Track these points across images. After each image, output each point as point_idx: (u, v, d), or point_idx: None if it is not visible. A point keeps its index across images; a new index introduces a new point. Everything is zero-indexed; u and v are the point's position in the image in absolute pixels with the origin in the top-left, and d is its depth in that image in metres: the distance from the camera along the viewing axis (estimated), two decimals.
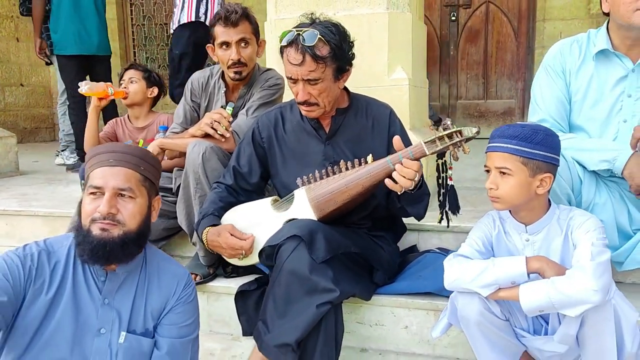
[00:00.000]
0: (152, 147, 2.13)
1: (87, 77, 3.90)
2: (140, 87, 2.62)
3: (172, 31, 3.49)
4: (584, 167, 1.74)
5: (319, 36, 1.65)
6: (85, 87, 2.51)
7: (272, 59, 2.52)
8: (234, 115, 2.21)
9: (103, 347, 1.31)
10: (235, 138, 2.08)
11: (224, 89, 2.25)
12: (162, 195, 2.20)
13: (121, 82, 2.65)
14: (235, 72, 2.16)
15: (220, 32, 2.12)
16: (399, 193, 1.61)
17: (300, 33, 1.66)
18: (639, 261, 1.73)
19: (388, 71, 2.38)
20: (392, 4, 2.36)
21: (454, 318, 1.53)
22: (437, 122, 4.37)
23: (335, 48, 1.67)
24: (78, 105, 3.77)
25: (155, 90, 2.68)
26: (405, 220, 2.02)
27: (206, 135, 2.07)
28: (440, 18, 5.70)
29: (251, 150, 1.90)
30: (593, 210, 1.74)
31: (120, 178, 1.29)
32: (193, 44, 3.37)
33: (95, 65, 3.94)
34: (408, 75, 2.38)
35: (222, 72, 2.26)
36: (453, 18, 5.63)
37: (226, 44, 2.13)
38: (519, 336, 1.51)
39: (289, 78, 1.72)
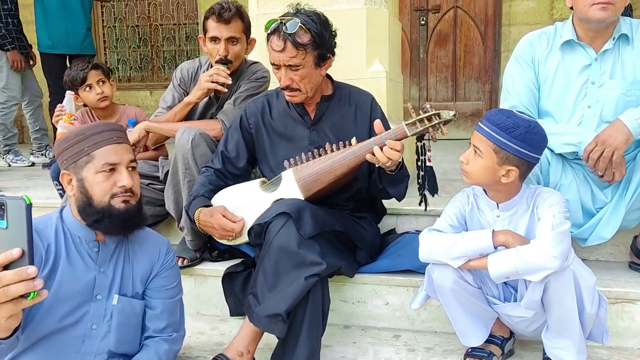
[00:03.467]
0: (138, 130, 2.17)
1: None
2: (109, 86, 2.54)
3: None
4: (552, 150, 1.87)
5: (299, 24, 1.74)
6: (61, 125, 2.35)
7: (254, 52, 2.59)
8: (220, 105, 2.28)
9: (100, 311, 1.40)
10: (222, 126, 2.15)
11: None
12: (149, 183, 2.27)
13: (86, 85, 2.47)
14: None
15: (212, 27, 2.18)
16: (376, 165, 1.70)
17: (283, 21, 1.76)
18: (601, 237, 1.87)
19: (366, 64, 2.49)
20: (369, 0, 2.47)
21: (430, 289, 1.64)
22: None
23: (316, 36, 1.77)
24: (60, 102, 3.77)
25: (114, 83, 2.61)
26: (385, 203, 2.12)
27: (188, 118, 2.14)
28: (410, 22, 5.84)
29: (239, 135, 1.98)
30: (559, 190, 1.86)
31: (130, 152, 1.42)
32: None
33: None
34: (385, 68, 2.50)
35: (210, 63, 2.32)
36: (422, 22, 5.78)
37: (216, 39, 2.19)
38: (490, 303, 1.63)
39: (273, 64, 1.82)
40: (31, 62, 4.28)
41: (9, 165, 4.23)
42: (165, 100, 2.37)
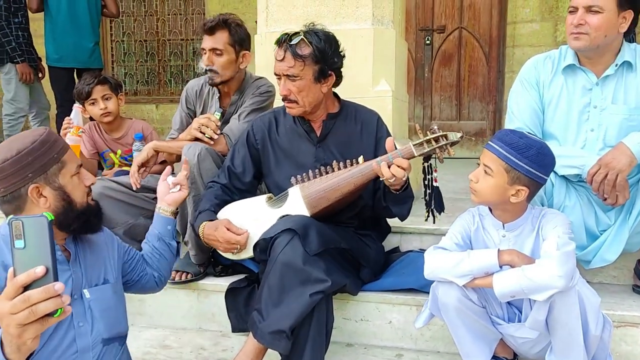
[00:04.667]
0: (147, 149, 2.19)
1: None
2: (114, 102, 2.58)
3: None
4: (555, 172, 1.89)
5: (302, 37, 1.81)
6: (70, 137, 2.37)
7: (261, 68, 2.63)
8: (226, 120, 2.31)
9: (80, 309, 1.40)
10: (227, 141, 2.18)
11: (218, 94, 2.34)
12: (155, 197, 2.28)
13: (91, 100, 2.53)
14: (209, 78, 2.25)
15: (204, 39, 2.23)
16: (381, 183, 1.72)
17: (289, 34, 1.82)
18: (605, 259, 1.88)
19: (373, 83, 2.52)
20: (377, 20, 2.51)
21: (435, 307, 1.64)
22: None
23: (317, 50, 1.81)
24: (67, 114, 3.80)
25: (123, 97, 2.67)
26: (389, 222, 2.13)
27: (196, 139, 2.16)
28: (415, 42, 5.90)
29: (245, 151, 2.00)
30: (563, 212, 1.87)
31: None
32: None
33: None
34: (391, 88, 2.52)
35: None
36: (428, 42, 5.84)
37: (204, 50, 2.23)
38: (494, 323, 1.63)
39: (275, 74, 1.87)
40: (40, 75, 4.33)
41: None
42: (175, 122, 2.43)
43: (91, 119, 2.66)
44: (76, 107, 2.44)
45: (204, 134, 2.14)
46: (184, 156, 2.06)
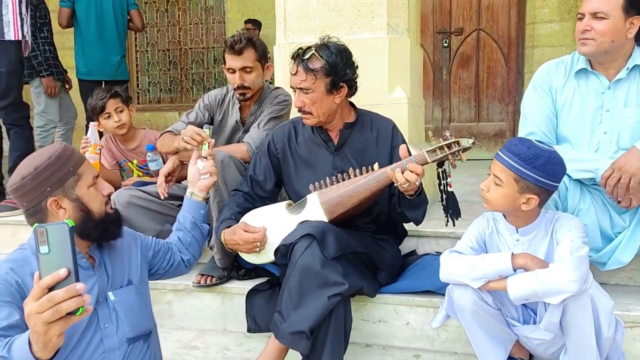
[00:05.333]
0: (172, 160, 2.30)
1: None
2: (127, 113, 2.69)
3: None
4: (569, 176, 1.92)
5: (313, 52, 1.88)
6: (89, 155, 2.44)
7: (279, 79, 2.71)
8: (246, 129, 2.40)
9: (106, 311, 1.48)
10: (248, 148, 2.27)
11: (238, 105, 2.44)
12: (180, 205, 2.38)
13: (105, 114, 2.65)
14: (240, 94, 2.38)
15: (228, 59, 2.34)
16: (395, 189, 1.77)
17: (302, 49, 1.90)
18: (620, 261, 1.90)
19: (389, 90, 2.58)
20: (391, 29, 2.57)
21: (451, 309, 1.69)
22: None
23: (327, 64, 1.88)
24: None
25: (133, 109, 2.78)
26: (405, 226, 2.19)
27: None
28: (433, 44, 5.92)
29: (267, 160, 2.08)
30: (578, 215, 1.91)
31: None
32: (20, 62, 3.28)
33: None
34: (407, 95, 2.58)
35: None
36: (445, 44, 5.85)
37: (232, 70, 2.33)
38: (510, 325, 1.67)
39: (290, 87, 1.95)
40: (67, 86, 4.48)
41: None
42: (188, 116, 2.49)
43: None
44: (92, 125, 2.55)
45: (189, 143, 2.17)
46: None
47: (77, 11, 4.03)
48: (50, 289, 1.07)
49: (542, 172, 1.52)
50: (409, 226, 2.18)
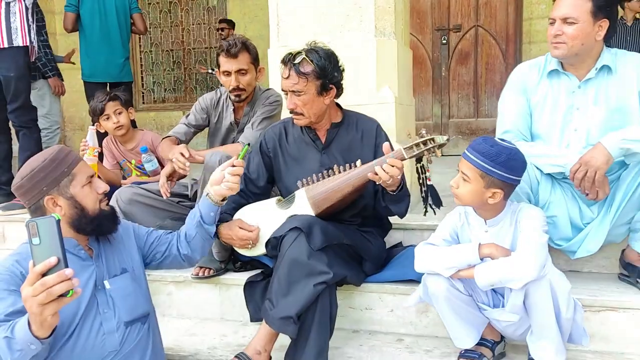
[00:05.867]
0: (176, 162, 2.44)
1: None
2: (125, 115, 2.85)
3: None
4: (541, 171, 2.05)
5: (304, 56, 2.01)
6: (87, 157, 2.60)
7: (274, 80, 2.85)
8: (241, 129, 2.55)
9: (103, 297, 1.63)
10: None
11: (232, 107, 2.59)
12: (179, 201, 2.53)
13: (105, 115, 2.81)
14: (235, 96, 2.53)
15: (223, 62, 2.48)
16: (376, 183, 1.90)
17: (292, 54, 2.02)
18: (588, 250, 2.03)
19: (377, 91, 2.70)
20: (379, 32, 2.70)
21: (426, 296, 1.83)
22: None
23: (318, 68, 2.01)
24: None
25: (133, 111, 2.93)
26: (392, 219, 2.32)
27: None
28: (432, 41, 6.01)
29: (259, 159, 2.22)
30: (549, 207, 2.05)
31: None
32: (28, 67, 3.42)
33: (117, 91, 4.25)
34: (394, 94, 2.70)
35: (228, 94, 2.60)
36: (444, 41, 5.94)
37: (228, 73, 2.47)
38: (481, 309, 1.81)
39: (282, 90, 2.08)
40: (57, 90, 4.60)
41: None
42: (187, 119, 2.67)
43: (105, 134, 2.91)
44: (91, 129, 2.70)
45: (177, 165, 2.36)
46: (206, 163, 2.30)
47: (82, 15, 4.18)
48: (44, 275, 1.22)
49: (504, 168, 1.65)
50: (396, 219, 2.31)
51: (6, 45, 3.22)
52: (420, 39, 6.01)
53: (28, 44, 3.31)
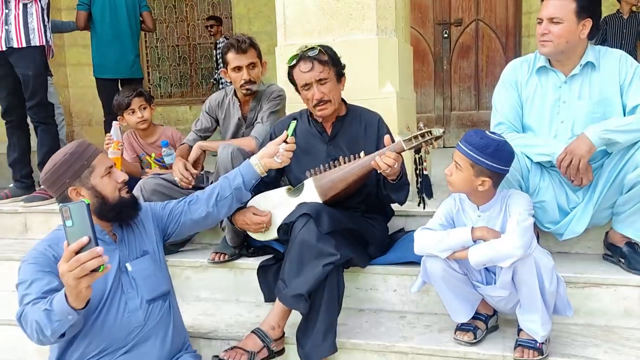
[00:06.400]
0: (196, 150, 2.67)
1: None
2: (148, 111, 3.04)
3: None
4: (531, 159, 2.22)
5: (319, 48, 2.21)
6: (111, 151, 2.77)
7: (281, 77, 3.01)
8: (249, 124, 2.78)
9: (127, 278, 1.81)
10: (255, 142, 2.59)
11: (238, 103, 2.78)
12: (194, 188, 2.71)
13: (130, 110, 3.00)
14: (247, 90, 2.71)
15: (233, 58, 2.66)
16: (378, 171, 2.06)
17: (305, 50, 2.21)
18: (574, 232, 2.21)
19: (379, 86, 2.87)
20: (380, 30, 2.86)
21: (426, 276, 2.00)
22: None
23: (332, 56, 2.23)
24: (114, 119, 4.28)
25: (154, 107, 3.11)
26: (394, 207, 2.49)
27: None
28: (433, 35, 6.13)
29: None
30: (538, 193, 2.22)
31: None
32: (44, 65, 3.60)
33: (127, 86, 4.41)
34: (396, 89, 2.87)
35: (235, 91, 2.79)
36: (445, 35, 6.06)
37: (238, 68, 2.65)
38: (475, 287, 1.98)
39: (304, 86, 2.23)
40: None
41: None
42: (196, 125, 2.90)
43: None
44: (115, 124, 2.87)
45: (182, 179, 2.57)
46: (219, 155, 2.48)
47: (93, 13, 4.34)
48: (77, 253, 1.41)
49: (492, 158, 1.81)
50: (398, 207, 2.48)
51: (24, 45, 3.38)
52: (422, 33, 6.14)
53: (44, 43, 3.47)
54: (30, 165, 3.68)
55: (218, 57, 6.43)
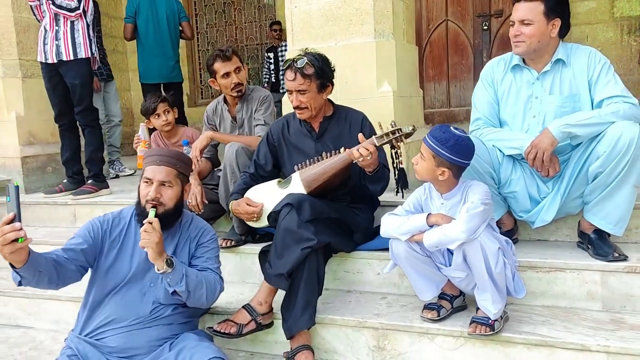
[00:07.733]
0: (205, 137, 2.96)
1: None
2: (172, 114, 3.37)
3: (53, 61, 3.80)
4: (502, 152, 2.36)
5: (306, 61, 2.41)
6: (140, 149, 3.10)
7: None
8: (240, 124, 3.10)
9: (155, 275, 2.05)
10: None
11: (227, 107, 3.11)
12: (211, 188, 3.03)
13: (155, 114, 3.29)
14: (237, 92, 3.02)
15: (221, 67, 2.97)
16: (354, 161, 2.28)
17: (295, 59, 2.43)
18: (544, 220, 2.34)
19: (377, 86, 3.07)
20: (378, 34, 3.06)
21: (393, 257, 2.21)
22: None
23: (318, 69, 2.42)
24: None
25: (176, 111, 3.43)
26: (382, 198, 2.69)
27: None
28: (473, 28, 6.16)
29: (266, 148, 2.67)
30: (510, 184, 2.36)
31: (163, 173, 2.06)
32: (90, 74, 3.97)
33: (169, 90, 4.79)
34: (393, 88, 3.06)
35: (224, 97, 3.12)
36: (485, 27, 6.07)
37: (227, 74, 2.96)
38: (439, 268, 2.16)
39: (287, 90, 2.48)
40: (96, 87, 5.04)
41: (117, 176, 5.23)
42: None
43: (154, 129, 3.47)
44: (142, 125, 3.25)
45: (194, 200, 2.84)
46: (225, 153, 2.78)
47: (138, 25, 4.81)
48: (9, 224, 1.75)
49: (451, 151, 1.99)
50: (384, 197, 2.68)
51: (72, 58, 3.82)
52: (461, 26, 6.19)
53: (90, 55, 3.91)
54: (80, 163, 4.13)
55: (280, 59, 6.79)
